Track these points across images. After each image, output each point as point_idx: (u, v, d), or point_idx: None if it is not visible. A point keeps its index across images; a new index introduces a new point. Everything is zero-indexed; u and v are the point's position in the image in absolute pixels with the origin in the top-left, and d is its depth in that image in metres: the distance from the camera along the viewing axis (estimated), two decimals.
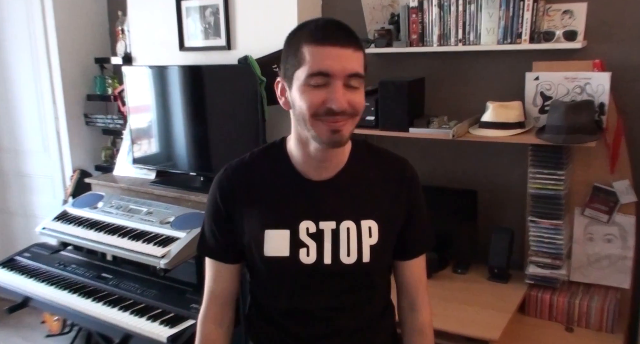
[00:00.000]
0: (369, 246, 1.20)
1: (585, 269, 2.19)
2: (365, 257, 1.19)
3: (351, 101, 1.10)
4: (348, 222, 1.20)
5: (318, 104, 1.08)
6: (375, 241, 1.20)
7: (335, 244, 1.19)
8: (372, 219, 1.21)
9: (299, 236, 1.18)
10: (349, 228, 1.19)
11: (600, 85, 2.05)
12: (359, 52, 1.11)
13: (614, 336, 2.02)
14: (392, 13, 2.43)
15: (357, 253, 1.19)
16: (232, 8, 2.70)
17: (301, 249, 1.18)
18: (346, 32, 1.11)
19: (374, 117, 2.31)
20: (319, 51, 1.07)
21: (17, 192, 3.61)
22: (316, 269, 1.18)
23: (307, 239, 1.18)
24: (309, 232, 1.19)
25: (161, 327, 2.08)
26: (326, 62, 1.07)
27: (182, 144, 2.78)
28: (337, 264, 1.18)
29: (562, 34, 2.07)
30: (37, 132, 3.41)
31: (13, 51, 3.36)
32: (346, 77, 1.08)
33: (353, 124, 1.14)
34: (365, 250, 1.19)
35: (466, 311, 2.02)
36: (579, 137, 1.97)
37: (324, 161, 1.20)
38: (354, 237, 1.19)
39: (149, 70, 2.85)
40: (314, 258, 1.18)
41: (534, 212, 2.16)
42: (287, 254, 1.18)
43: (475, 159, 2.43)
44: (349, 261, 1.19)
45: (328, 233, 1.19)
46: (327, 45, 1.07)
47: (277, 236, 1.19)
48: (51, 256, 2.76)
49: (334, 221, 1.19)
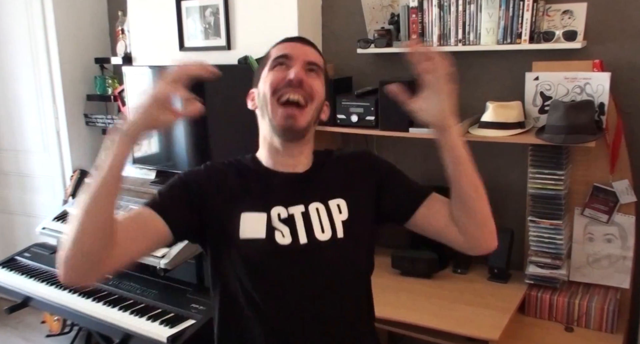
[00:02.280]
0: (341, 221, 1.21)
1: (585, 269, 2.19)
2: (339, 232, 1.20)
3: (308, 81, 1.19)
4: (316, 203, 1.22)
5: (278, 80, 1.19)
6: (346, 216, 1.22)
7: (308, 223, 1.20)
8: (339, 197, 1.23)
9: (272, 222, 1.19)
10: (317, 208, 1.22)
11: (600, 85, 2.05)
12: (314, 50, 1.25)
13: (614, 336, 2.02)
14: (392, 13, 2.43)
15: (330, 229, 1.20)
16: (232, 8, 2.70)
17: (276, 231, 1.18)
18: (309, 41, 1.27)
19: (374, 117, 2.31)
20: (281, 46, 1.25)
21: (17, 192, 3.61)
22: (293, 251, 1.17)
23: (280, 225, 1.19)
24: (281, 218, 1.19)
25: (161, 327, 2.08)
26: (287, 49, 1.23)
27: (182, 144, 2.78)
28: (313, 243, 1.18)
29: (562, 34, 2.07)
30: (37, 132, 3.41)
31: (13, 51, 3.36)
32: (305, 63, 1.20)
33: (309, 113, 1.19)
34: (339, 226, 1.20)
35: (466, 311, 2.02)
36: (579, 137, 1.97)
37: (290, 157, 1.24)
38: (325, 215, 1.21)
39: (149, 70, 2.85)
40: (290, 240, 1.18)
41: (534, 212, 2.16)
42: (263, 236, 1.17)
43: (475, 159, 2.42)
44: (323, 237, 1.19)
45: (299, 216, 1.20)
46: (289, 42, 1.26)
47: (253, 219, 1.18)
48: (51, 256, 2.76)
49: (302, 205, 1.21)
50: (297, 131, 1.19)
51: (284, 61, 1.20)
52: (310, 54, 1.23)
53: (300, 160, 1.26)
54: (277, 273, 1.18)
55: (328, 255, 1.20)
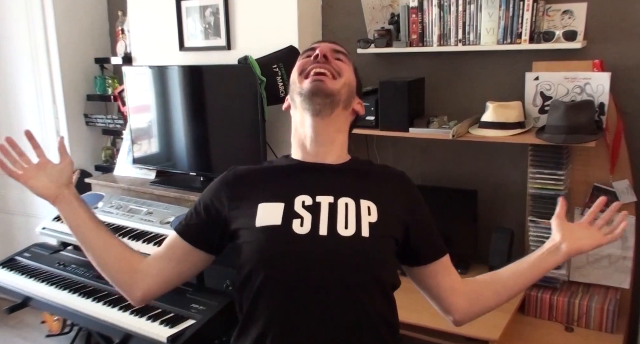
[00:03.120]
0: (368, 222, 1.13)
1: (585, 269, 2.19)
2: (365, 231, 1.12)
3: (335, 61, 1.22)
4: (347, 198, 1.16)
5: (305, 62, 1.22)
6: (375, 219, 1.14)
7: (333, 216, 1.13)
8: (372, 200, 1.17)
9: (294, 207, 1.14)
10: (347, 203, 1.15)
11: (600, 85, 2.05)
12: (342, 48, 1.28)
13: (614, 336, 2.02)
14: (392, 13, 2.43)
15: (355, 227, 1.12)
16: (232, 8, 2.70)
17: (295, 219, 1.12)
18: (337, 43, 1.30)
19: (374, 117, 2.31)
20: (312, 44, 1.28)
21: (17, 192, 3.60)
22: (310, 241, 1.10)
23: (302, 211, 1.13)
24: (305, 205, 1.14)
25: (161, 327, 2.08)
26: (314, 44, 1.26)
27: (182, 144, 2.78)
28: (333, 237, 1.10)
29: (562, 34, 2.07)
30: (37, 132, 3.38)
31: (13, 51, 3.36)
32: (331, 49, 1.23)
33: (338, 83, 1.20)
34: (365, 225, 1.13)
35: None
36: (578, 137, 1.97)
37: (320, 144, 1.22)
38: (352, 212, 1.14)
39: (149, 70, 2.85)
40: (308, 228, 1.11)
41: (534, 212, 2.16)
42: (279, 222, 1.12)
43: (475, 159, 2.43)
44: (346, 233, 1.11)
45: (325, 206, 1.14)
46: (315, 44, 1.27)
47: (270, 208, 1.15)
48: (51, 256, 2.76)
49: (332, 196, 1.16)
50: (326, 92, 1.17)
51: (311, 52, 1.23)
52: (338, 47, 1.27)
53: (331, 149, 1.23)
54: (289, 261, 1.11)
55: (348, 250, 1.11)
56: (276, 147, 2.55)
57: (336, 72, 1.20)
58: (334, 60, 1.22)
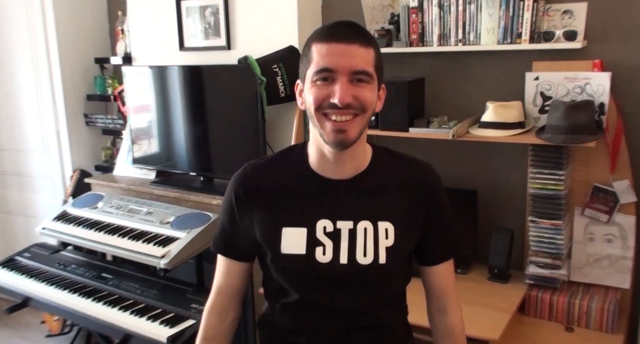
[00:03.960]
0: (385, 247, 1.18)
1: (585, 269, 2.19)
2: (382, 258, 1.18)
3: (357, 95, 1.09)
4: (365, 222, 1.19)
5: (322, 98, 1.10)
6: (392, 243, 1.19)
7: (352, 244, 1.18)
8: (389, 220, 1.20)
9: (316, 234, 1.18)
10: (366, 228, 1.19)
11: (600, 85, 2.05)
12: (367, 48, 1.10)
13: (614, 336, 2.02)
14: (392, 13, 2.43)
15: (373, 254, 1.18)
16: (232, 8, 2.70)
17: (318, 247, 1.18)
18: (354, 29, 1.12)
19: (374, 117, 2.31)
20: (324, 48, 1.09)
21: (17, 192, 3.61)
22: (332, 269, 1.17)
23: (324, 238, 1.18)
24: (326, 231, 1.18)
25: (161, 327, 2.08)
26: (330, 58, 1.08)
27: (182, 144, 2.78)
28: (353, 265, 1.17)
29: (562, 34, 2.07)
30: (37, 132, 3.41)
31: (13, 51, 3.36)
32: (351, 74, 1.08)
33: (361, 123, 1.12)
34: (382, 251, 1.18)
35: (466, 311, 1.99)
36: (579, 137, 1.97)
37: (339, 164, 1.19)
38: (371, 238, 1.18)
39: (149, 70, 2.85)
40: (330, 257, 1.17)
41: (534, 212, 2.16)
42: (303, 252, 1.17)
43: (475, 159, 2.43)
44: (365, 261, 1.18)
45: (345, 233, 1.18)
46: (332, 42, 1.09)
47: (294, 234, 1.18)
48: (51, 256, 2.76)
49: (352, 221, 1.19)
50: (349, 143, 1.13)
51: (328, 76, 1.09)
52: (356, 58, 1.09)
53: (352, 164, 1.21)
54: (314, 285, 1.20)
55: (367, 278, 1.20)
56: (276, 147, 2.54)
57: (359, 110, 1.10)
58: (355, 94, 1.09)
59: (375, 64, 1.12)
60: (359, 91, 1.09)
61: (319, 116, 1.11)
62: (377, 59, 1.13)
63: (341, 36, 1.09)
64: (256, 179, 1.23)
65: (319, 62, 1.09)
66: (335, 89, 1.08)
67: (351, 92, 1.08)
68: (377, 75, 1.14)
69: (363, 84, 1.10)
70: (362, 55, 1.09)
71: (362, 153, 1.22)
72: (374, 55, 1.12)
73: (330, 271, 1.17)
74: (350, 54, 1.08)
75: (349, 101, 1.08)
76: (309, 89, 1.12)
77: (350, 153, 1.17)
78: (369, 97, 1.11)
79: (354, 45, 1.09)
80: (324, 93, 1.09)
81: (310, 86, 1.12)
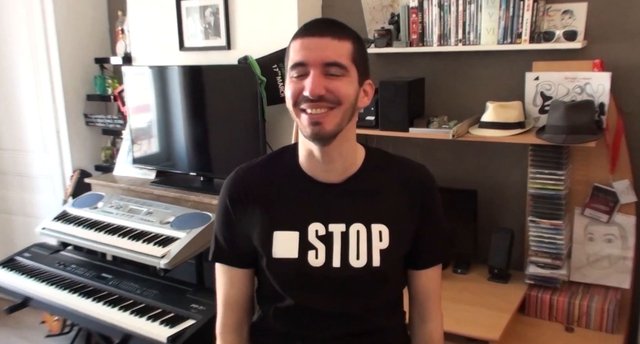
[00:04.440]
0: (379, 250, 1.17)
1: (585, 269, 2.19)
2: (375, 261, 1.16)
3: (330, 87, 1.08)
4: (358, 225, 1.17)
5: (297, 92, 1.10)
6: (386, 245, 1.17)
7: (345, 247, 1.16)
8: (383, 223, 1.18)
9: (308, 238, 1.16)
10: (358, 231, 1.17)
11: (600, 85, 2.05)
12: (341, 41, 1.09)
13: (614, 336, 2.02)
14: (392, 13, 2.43)
15: (366, 257, 1.16)
16: (232, 8, 2.70)
17: (310, 251, 1.16)
18: (328, 23, 1.12)
19: (374, 117, 2.31)
20: (299, 43, 1.11)
21: (17, 192, 3.61)
22: (325, 272, 1.16)
23: (316, 242, 1.16)
24: (318, 235, 1.17)
25: (161, 327, 2.08)
26: (303, 52, 1.09)
27: (182, 144, 2.78)
28: (346, 268, 1.16)
29: (562, 34, 2.07)
30: (37, 132, 3.41)
31: (13, 51, 3.36)
32: (323, 66, 1.08)
33: (337, 116, 1.10)
34: (375, 254, 1.16)
35: (466, 311, 2.02)
36: (579, 137, 1.97)
37: (327, 163, 1.17)
38: (364, 240, 1.17)
39: (149, 70, 2.85)
40: (323, 261, 1.16)
41: (534, 212, 2.16)
42: (295, 255, 1.16)
43: (475, 159, 2.43)
44: (358, 264, 1.16)
45: (337, 236, 1.17)
46: (306, 36, 1.10)
47: (286, 238, 1.17)
48: (51, 256, 2.76)
49: (344, 224, 1.17)
50: (326, 136, 1.11)
51: (301, 70, 1.09)
52: (329, 51, 1.08)
53: (340, 163, 1.18)
54: (307, 289, 1.18)
55: (361, 282, 1.18)
56: (276, 147, 2.54)
57: (334, 102, 1.09)
58: (328, 86, 1.08)
59: (353, 57, 1.10)
60: (331, 83, 1.08)
61: (297, 111, 1.11)
62: (356, 53, 1.11)
63: (314, 31, 1.10)
64: (248, 182, 1.22)
65: (293, 57, 1.10)
66: (307, 82, 1.08)
67: (324, 83, 1.08)
68: (358, 69, 1.12)
69: (337, 77, 1.09)
70: (334, 48, 1.08)
71: (351, 153, 1.20)
72: (350, 49, 1.10)
73: (323, 275, 1.16)
74: (321, 46, 1.08)
75: (320, 92, 1.07)
76: (287, 85, 1.13)
77: (338, 151, 1.16)
78: (344, 89, 1.09)
79: (326, 38, 1.09)
80: (299, 88, 1.10)
81: (288, 83, 1.13)
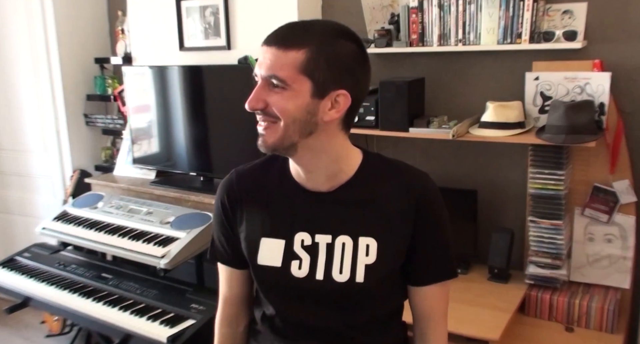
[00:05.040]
0: (364, 265, 1.10)
1: (585, 269, 2.19)
2: (359, 277, 1.10)
3: (268, 101, 1.04)
4: (344, 237, 1.12)
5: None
6: (372, 260, 1.10)
7: (329, 259, 1.12)
8: (372, 236, 1.11)
9: (293, 247, 1.14)
10: (344, 243, 1.12)
11: (600, 85, 2.05)
12: (287, 51, 1.02)
13: (614, 336, 2.02)
14: (392, 13, 2.43)
15: (349, 272, 1.10)
16: (232, 8, 2.70)
17: (293, 261, 1.13)
18: (283, 31, 1.06)
19: (374, 117, 2.31)
20: (261, 51, 1.07)
21: (17, 192, 3.61)
22: (307, 284, 1.12)
23: (301, 252, 1.13)
24: (304, 245, 1.13)
25: (161, 327, 2.08)
26: (259, 61, 1.07)
27: (182, 144, 2.78)
28: (328, 282, 1.11)
29: (562, 34, 2.07)
30: (37, 132, 3.41)
31: (13, 51, 3.36)
32: (264, 78, 1.05)
33: (277, 130, 1.05)
34: (360, 269, 1.10)
35: (466, 311, 2.02)
36: (579, 137, 1.97)
37: (306, 172, 1.13)
38: (349, 254, 1.11)
39: (149, 70, 2.85)
40: (306, 272, 1.12)
41: (534, 212, 2.16)
42: (279, 264, 1.14)
43: (475, 159, 2.43)
44: (340, 279, 1.11)
45: (323, 247, 1.13)
46: (263, 45, 1.07)
47: (272, 245, 1.15)
48: (51, 256, 2.76)
49: (330, 235, 1.12)
50: (269, 148, 1.08)
51: (257, 80, 1.08)
52: (271, 63, 1.02)
53: (321, 173, 1.12)
54: (289, 299, 1.17)
55: (343, 297, 1.13)
56: None
57: (274, 117, 1.04)
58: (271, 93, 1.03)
59: (303, 68, 1.01)
60: (269, 96, 1.04)
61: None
62: (311, 63, 1.01)
63: (268, 40, 1.05)
64: (242, 185, 1.21)
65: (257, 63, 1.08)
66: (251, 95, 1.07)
67: (264, 97, 1.04)
68: (313, 80, 1.02)
69: (277, 90, 1.03)
70: (276, 59, 1.02)
71: (334, 163, 1.12)
72: (300, 59, 1.01)
73: (306, 287, 1.12)
74: (267, 57, 1.04)
75: (255, 106, 1.05)
76: None
77: (312, 162, 1.11)
78: (280, 104, 1.03)
79: (272, 48, 1.03)
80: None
81: None
